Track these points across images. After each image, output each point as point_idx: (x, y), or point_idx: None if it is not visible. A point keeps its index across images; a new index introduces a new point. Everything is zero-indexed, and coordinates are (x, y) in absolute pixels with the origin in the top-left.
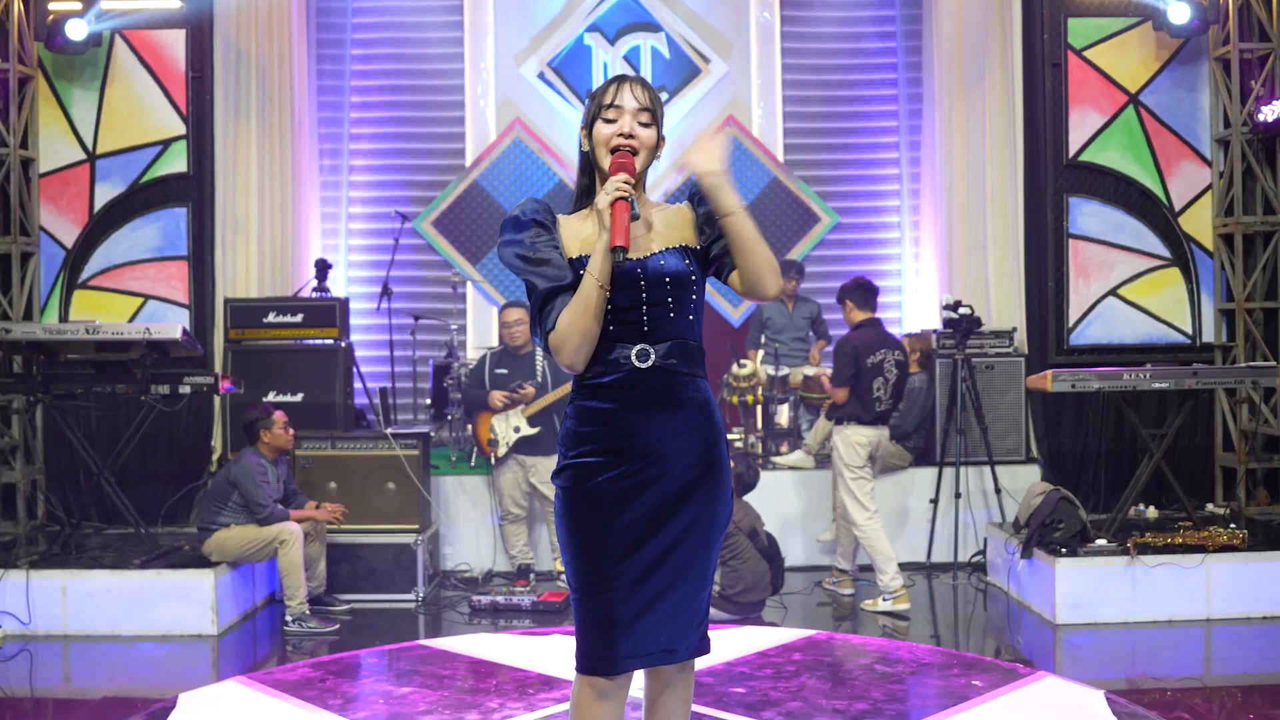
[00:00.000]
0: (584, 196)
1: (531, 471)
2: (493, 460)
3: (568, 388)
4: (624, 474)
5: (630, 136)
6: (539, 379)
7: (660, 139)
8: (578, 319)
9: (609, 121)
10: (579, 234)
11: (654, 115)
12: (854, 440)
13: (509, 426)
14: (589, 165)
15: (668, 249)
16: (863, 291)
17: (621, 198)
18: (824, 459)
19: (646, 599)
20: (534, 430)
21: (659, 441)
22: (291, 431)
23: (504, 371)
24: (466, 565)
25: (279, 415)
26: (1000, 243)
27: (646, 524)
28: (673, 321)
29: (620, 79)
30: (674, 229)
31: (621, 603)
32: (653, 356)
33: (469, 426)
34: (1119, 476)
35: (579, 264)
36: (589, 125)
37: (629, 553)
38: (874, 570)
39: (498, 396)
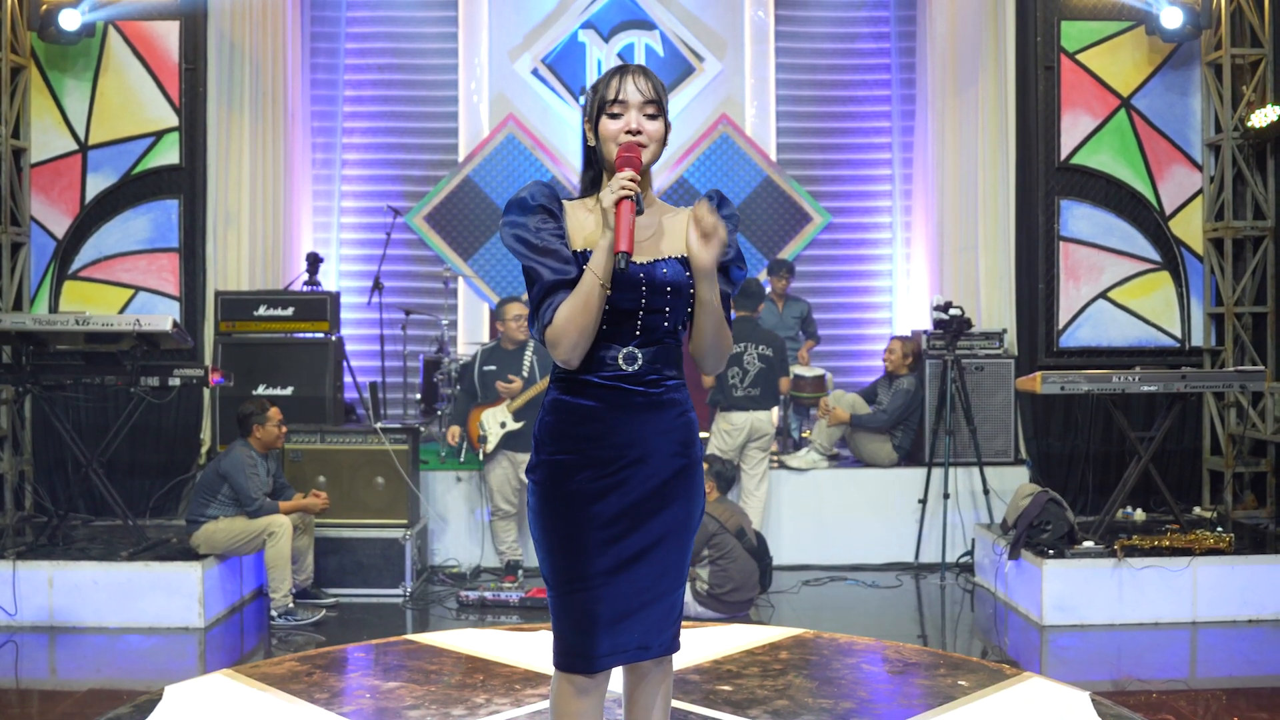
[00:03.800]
0: (590, 190)
1: (521, 467)
2: (481, 456)
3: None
4: (603, 473)
5: (638, 132)
6: (526, 374)
7: (667, 128)
8: (577, 315)
9: (614, 116)
10: (583, 226)
11: (660, 106)
12: (722, 428)
13: (495, 421)
14: (592, 158)
15: (672, 257)
16: (744, 295)
17: (626, 196)
18: (832, 457)
19: (625, 598)
20: (519, 425)
21: (639, 442)
22: (284, 429)
23: (492, 368)
24: (455, 561)
25: (274, 412)
26: (991, 244)
27: (624, 523)
28: (665, 328)
29: (623, 70)
30: (680, 237)
31: (600, 602)
32: (640, 360)
33: (456, 429)
34: (1107, 479)
35: (582, 258)
36: (594, 120)
37: (607, 552)
38: None
39: (502, 388)
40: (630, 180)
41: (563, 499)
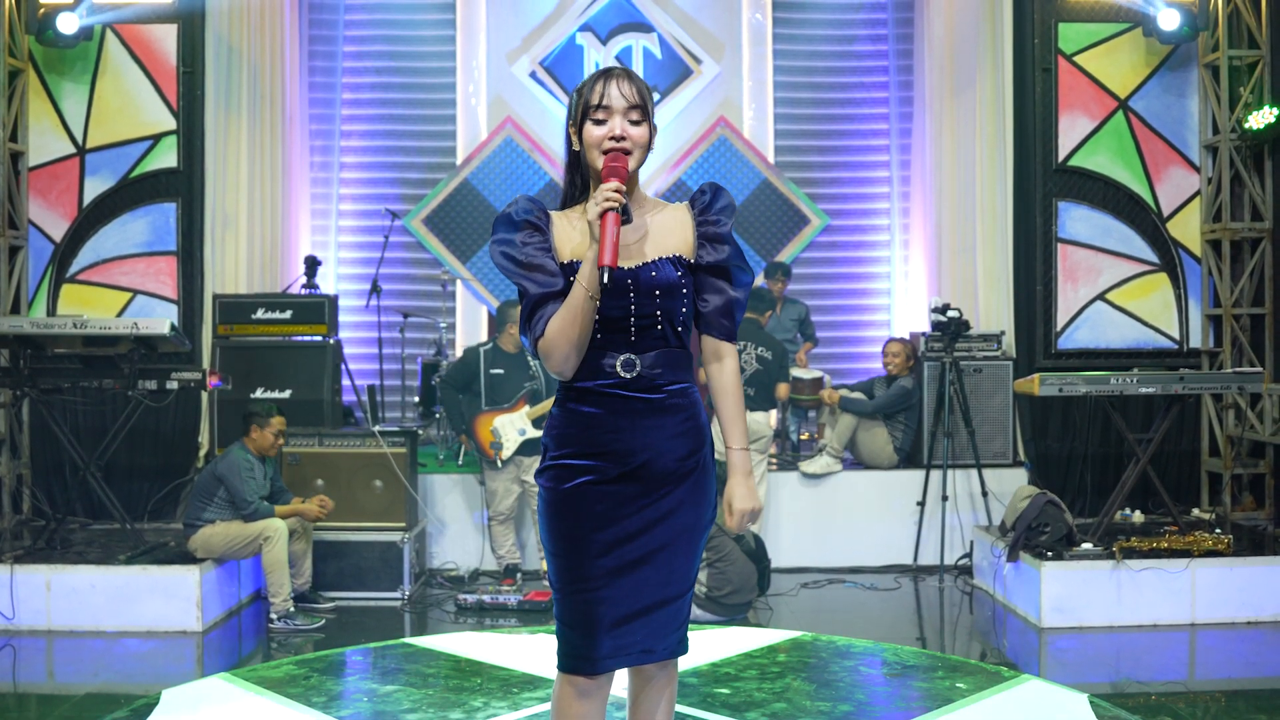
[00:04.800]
0: (575, 195)
1: (526, 471)
2: (499, 464)
3: None
4: (608, 477)
5: (622, 139)
6: (534, 374)
7: (652, 131)
8: (567, 327)
9: (598, 122)
10: (570, 237)
11: (644, 110)
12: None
13: (514, 429)
14: (578, 163)
15: (662, 258)
16: (754, 298)
17: (611, 208)
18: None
19: (629, 600)
20: (539, 433)
21: (644, 446)
22: (280, 441)
23: (500, 372)
24: (453, 564)
25: (278, 421)
26: (989, 246)
27: (630, 526)
28: (660, 332)
29: (606, 75)
30: (671, 235)
31: (603, 603)
32: (638, 366)
33: (465, 439)
34: (1105, 480)
35: (570, 269)
36: (578, 125)
37: (611, 554)
38: None
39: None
40: (615, 191)
41: (569, 502)
